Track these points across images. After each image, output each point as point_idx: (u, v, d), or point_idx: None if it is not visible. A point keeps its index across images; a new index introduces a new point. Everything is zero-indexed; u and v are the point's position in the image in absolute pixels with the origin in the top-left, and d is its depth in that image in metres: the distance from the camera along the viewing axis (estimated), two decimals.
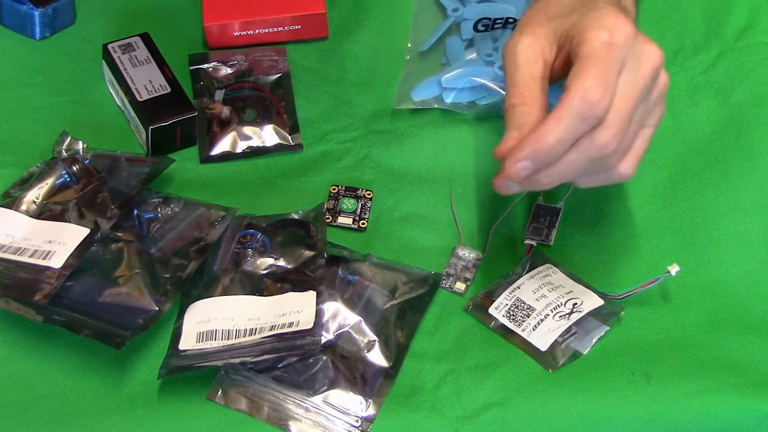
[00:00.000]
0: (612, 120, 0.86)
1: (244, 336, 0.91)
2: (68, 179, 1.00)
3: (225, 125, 1.06)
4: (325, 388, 0.90)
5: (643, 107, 0.89)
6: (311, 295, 0.93)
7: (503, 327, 0.94)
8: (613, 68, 0.86)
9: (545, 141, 0.85)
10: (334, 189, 1.02)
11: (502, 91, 1.04)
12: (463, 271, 0.98)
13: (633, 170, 0.89)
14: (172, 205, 0.99)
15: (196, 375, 0.90)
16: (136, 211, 0.99)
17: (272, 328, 0.91)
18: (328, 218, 1.00)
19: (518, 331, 0.94)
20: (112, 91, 1.08)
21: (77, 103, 1.08)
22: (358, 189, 1.02)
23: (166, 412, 0.89)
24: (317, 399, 0.90)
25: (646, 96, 0.88)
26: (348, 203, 1.00)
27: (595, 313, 0.94)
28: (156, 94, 1.04)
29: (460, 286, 0.97)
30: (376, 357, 0.92)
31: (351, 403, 0.90)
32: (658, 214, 1.02)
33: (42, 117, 1.07)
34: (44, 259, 0.93)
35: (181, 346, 0.91)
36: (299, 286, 0.94)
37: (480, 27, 1.09)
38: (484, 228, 1.01)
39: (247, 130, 1.06)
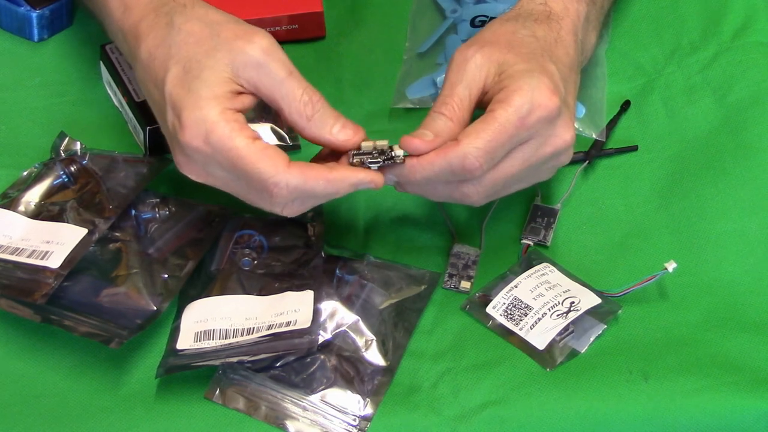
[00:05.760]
0: (487, 180, 0.89)
1: (242, 335, 0.91)
2: (66, 180, 1.00)
3: None
4: (323, 387, 0.90)
5: (529, 173, 0.91)
6: (309, 294, 0.93)
7: (501, 326, 0.94)
8: (509, 142, 0.88)
9: (414, 174, 0.89)
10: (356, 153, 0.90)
11: None
12: (465, 269, 0.98)
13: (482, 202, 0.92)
14: (169, 205, 0.99)
15: (194, 374, 0.90)
16: (133, 211, 0.99)
17: (270, 327, 0.91)
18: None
19: (516, 329, 0.94)
20: (110, 92, 1.08)
21: (75, 104, 1.08)
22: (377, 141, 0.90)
23: (163, 412, 0.89)
24: (315, 398, 0.90)
25: (536, 168, 0.91)
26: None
27: (592, 312, 0.94)
28: None
29: (465, 284, 0.97)
30: (374, 356, 0.92)
31: (349, 402, 0.90)
32: (655, 213, 1.02)
33: (40, 118, 1.07)
34: (42, 259, 0.93)
35: (179, 345, 0.91)
36: (297, 285, 0.94)
37: (477, 23, 1.09)
38: (477, 225, 1.01)
39: None
